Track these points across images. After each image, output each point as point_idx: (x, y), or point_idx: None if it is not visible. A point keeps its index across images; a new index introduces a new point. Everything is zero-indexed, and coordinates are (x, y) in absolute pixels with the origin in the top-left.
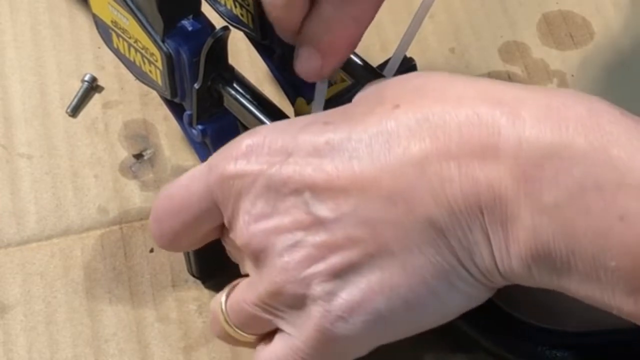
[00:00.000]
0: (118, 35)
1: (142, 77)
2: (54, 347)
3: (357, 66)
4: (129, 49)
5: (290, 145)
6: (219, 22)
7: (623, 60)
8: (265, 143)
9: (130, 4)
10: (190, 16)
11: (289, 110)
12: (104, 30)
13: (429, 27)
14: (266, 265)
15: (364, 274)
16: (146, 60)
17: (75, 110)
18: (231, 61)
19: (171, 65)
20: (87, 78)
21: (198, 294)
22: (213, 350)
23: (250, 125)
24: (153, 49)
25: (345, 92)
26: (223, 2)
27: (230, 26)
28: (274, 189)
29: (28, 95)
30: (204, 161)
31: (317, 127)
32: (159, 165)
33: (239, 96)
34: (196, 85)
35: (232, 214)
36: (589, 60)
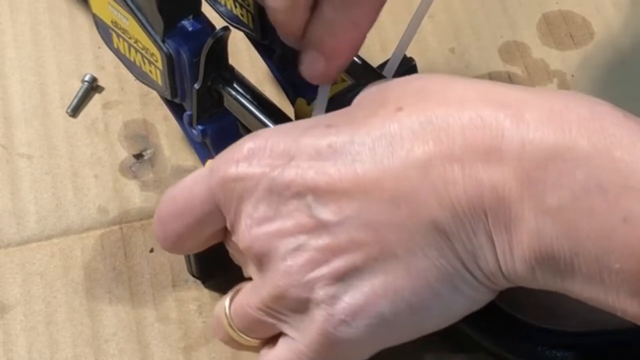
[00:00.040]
0: (118, 35)
1: (142, 78)
2: (54, 347)
3: (357, 66)
4: (129, 49)
5: (292, 149)
6: (219, 22)
7: (623, 60)
8: (267, 146)
9: (130, 4)
10: (191, 16)
11: (289, 111)
12: (104, 31)
13: (428, 27)
14: (269, 269)
15: (367, 278)
16: (146, 61)
17: (75, 110)
18: (231, 61)
19: (171, 65)
20: (87, 78)
21: (198, 294)
22: (213, 350)
23: (250, 125)
24: (153, 49)
25: (346, 92)
26: (223, 2)
27: (230, 26)
28: (277, 192)
29: (28, 95)
30: (204, 161)
31: (320, 130)
32: (159, 165)
33: (239, 96)
34: (196, 86)
35: (235, 218)
36: (589, 60)
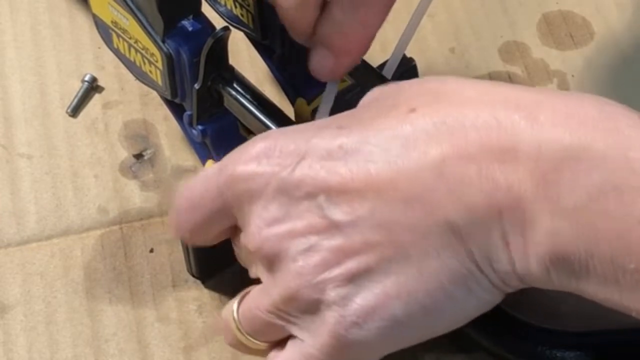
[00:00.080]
0: (118, 35)
1: (142, 78)
2: (54, 347)
3: (357, 66)
4: (129, 49)
5: (302, 149)
6: (219, 22)
7: (623, 60)
8: (277, 146)
9: (130, 4)
10: (191, 16)
11: (289, 111)
12: (104, 31)
13: (428, 27)
14: (280, 270)
15: (379, 279)
16: (146, 61)
17: (75, 110)
18: (231, 61)
19: (171, 65)
20: (87, 78)
21: (198, 294)
22: (213, 350)
23: (250, 125)
24: (153, 49)
25: (346, 92)
26: (223, 2)
27: (230, 26)
28: (287, 192)
29: (28, 95)
30: (204, 161)
31: (331, 132)
32: (159, 165)
33: (239, 96)
34: (196, 86)
35: (244, 218)
36: (589, 60)
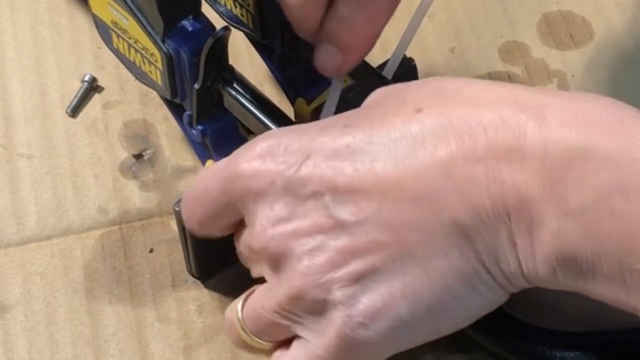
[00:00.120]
0: (118, 35)
1: (142, 78)
2: (54, 347)
3: (357, 66)
4: (129, 49)
5: (308, 148)
6: (219, 22)
7: (623, 60)
8: (281, 145)
9: (130, 4)
10: (191, 16)
11: (289, 111)
12: (104, 31)
13: (428, 27)
14: (285, 270)
15: (386, 279)
16: (146, 61)
17: (75, 110)
18: (231, 61)
19: (171, 65)
20: (87, 78)
21: (198, 294)
22: (213, 350)
23: (250, 125)
24: (153, 49)
25: (346, 92)
26: (223, 2)
27: (230, 26)
28: (293, 191)
29: (28, 95)
30: (204, 161)
31: (336, 130)
32: (159, 165)
33: (239, 96)
34: (196, 86)
35: (249, 216)
36: (589, 60)
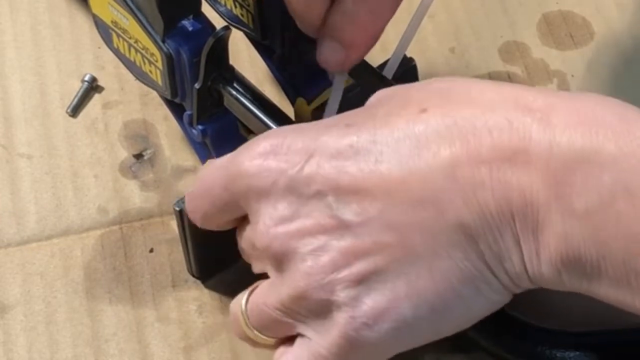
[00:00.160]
0: (118, 35)
1: (142, 77)
2: (54, 347)
3: (357, 66)
4: (129, 49)
5: (311, 147)
6: (219, 22)
7: (623, 60)
8: (284, 143)
9: (131, 4)
10: (191, 16)
11: (289, 111)
12: (104, 30)
13: (428, 27)
14: (289, 270)
15: (389, 280)
16: (146, 61)
17: (75, 110)
18: (231, 61)
19: (171, 65)
20: (87, 78)
21: (198, 294)
22: (213, 350)
23: (250, 125)
24: (153, 49)
25: (346, 92)
26: (223, 2)
27: (230, 26)
28: (296, 190)
29: (28, 95)
30: (204, 161)
31: (339, 130)
32: (159, 165)
33: (239, 96)
34: (197, 85)
35: (252, 214)
36: (589, 60)
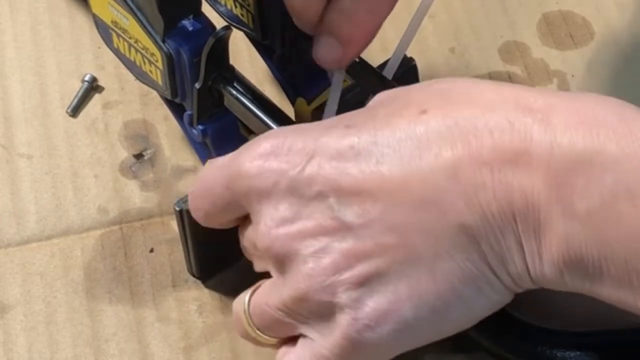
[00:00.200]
0: (118, 35)
1: (143, 77)
2: (54, 347)
3: (357, 66)
4: (129, 49)
5: (311, 147)
6: (219, 22)
7: (623, 60)
8: (285, 144)
9: (131, 4)
10: (191, 16)
11: (289, 110)
12: (104, 30)
13: (429, 27)
14: (290, 271)
15: (391, 282)
16: (146, 60)
17: (75, 110)
18: (231, 61)
19: (171, 65)
20: (87, 78)
21: (198, 294)
22: (213, 350)
23: (251, 125)
24: (153, 49)
25: (346, 92)
26: (223, 2)
27: (231, 26)
28: (297, 191)
29: (28, 95)
30: (204, 161)
31: (339, 131)
32: (159, 165)
33: (239, 96)
34: (197, 85)
35: (254, 214)
36: (589, 60)
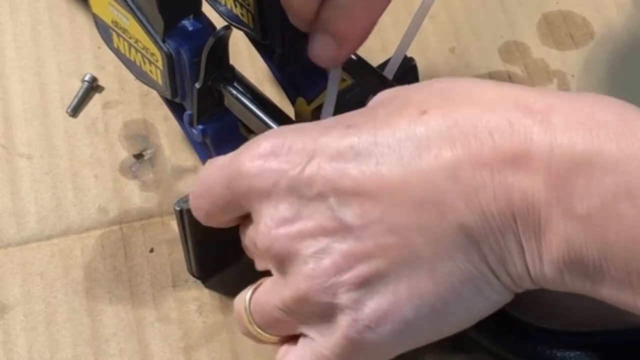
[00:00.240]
0: (118, 35)
1: (143, 77)
2: (54, 347)
3: (357, 66)
4: (130, 49)
5: (311, 147)
6: (219, 22)
7: (623, 60)
8: (285, 144)
9: (131, 4)
10: (191, 16)
11: (289, 110)
12: (104, 30)
13: (429, 27)
14: (291, 272)
15: (391, 282)
16: (146, 60)
17: (75, 110)
18: (231, 61)
19: (172, 65)
20: (87, 78)
21: (198, 294)
22: (213, 350)
23: (251, 125)
24: (153, 49)
25: (346, 92)
26: (223, 2)
27: (231, 26)
28: (297, 191)
29: (28, 95)
30: (204, 161)
31: (340, 130)
32: (159, 165)
33: (240, 96)
34: (197, 85)
35: (254, 214)
36: (589, 60)
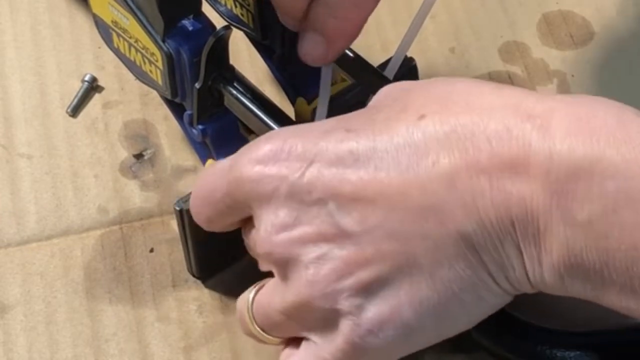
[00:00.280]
0: (118, 35)
1: (143, 77)
2: (54, 347)
3: (358, 66)
4: (130, 49)
5: (311, 152)
6: (219, 22)
7: (623, 60)
8: (284, 148)
9: (131, 4)
10: (191, 16)
11: (289, 110)
12: (104, 30)
13: (429, 27)
14: (292, 276)
15: (392, 288)
16: (146, 60)
17: (75, 110)
18: (231, 61)
19: (172, 65)
20: (87, 78)
21: (198, 294)
22: (213, 350)
23: (251, 125)
24: (153, 48)
25: (346, 92)
26: (223, 2)
27: (231, 26)
28: (297, 197)
29: (28, 95)
30: (204, 161)
31: (339, 135)
32: (159, 165)
33: (240, 96)
34: (197, 85)
35: (255, 219)
36: (589, 60)
